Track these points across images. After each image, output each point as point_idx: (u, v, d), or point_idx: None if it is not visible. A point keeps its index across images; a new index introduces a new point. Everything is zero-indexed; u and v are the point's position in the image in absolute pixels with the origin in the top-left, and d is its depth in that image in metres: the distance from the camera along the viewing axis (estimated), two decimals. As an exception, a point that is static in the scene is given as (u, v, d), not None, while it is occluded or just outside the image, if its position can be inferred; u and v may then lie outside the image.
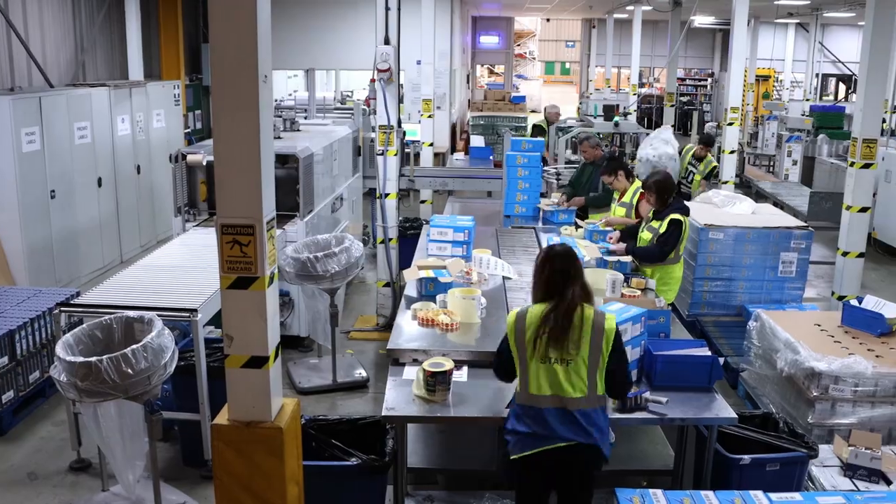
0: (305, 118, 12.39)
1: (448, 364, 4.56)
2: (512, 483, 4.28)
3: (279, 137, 8.67)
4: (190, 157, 7.96)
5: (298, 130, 9.58)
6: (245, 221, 3.81)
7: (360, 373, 7.45)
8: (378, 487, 4.85)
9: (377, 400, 6.64)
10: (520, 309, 4.09)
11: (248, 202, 3.80)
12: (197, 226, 7.89)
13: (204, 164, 7.87)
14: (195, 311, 5.41)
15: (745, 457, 4.84)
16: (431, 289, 5.86)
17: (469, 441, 5.45)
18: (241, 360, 3.97)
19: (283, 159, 7.96)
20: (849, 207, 8.22)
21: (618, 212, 7.82)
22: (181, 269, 6.46)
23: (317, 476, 4.59)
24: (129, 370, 4.37)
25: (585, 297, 4.03)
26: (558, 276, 4.03)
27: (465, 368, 4.89)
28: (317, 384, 7.24)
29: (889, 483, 4.94)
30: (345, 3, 16.90)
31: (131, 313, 5.02)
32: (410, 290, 6.07)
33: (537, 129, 14.53)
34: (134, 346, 4.46)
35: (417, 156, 12.13)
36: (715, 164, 11.74)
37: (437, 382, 4.48)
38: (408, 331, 5.34)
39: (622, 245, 6.94)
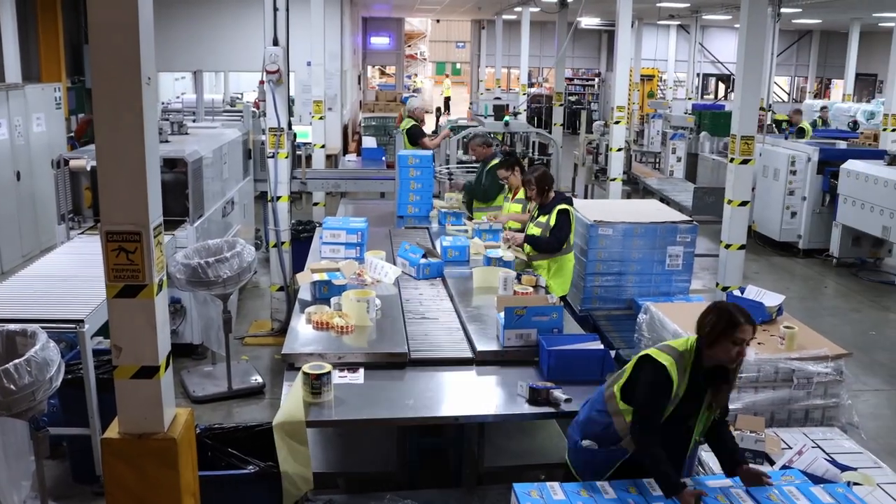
0: (194, 121, 12.15)
1: (327, 366, 4.57)
2: (412, 482, 4.30)
3: (166, 141, 8.48)
4: (73, 163, 7.70)
5: (187, 134, 9.38)
6: (131, 228, 3.71)
7: (256, 379, 7.36)
8: (277, 494, 4.79)
9: (274, 406, 6.55)
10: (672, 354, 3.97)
11: (133, 208, 3.71)
12: (82, 233, 7.64)
13: (88, 169, 7.62)
14: (82, 321, 5.25)
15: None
16: (325, 292, 5.83)
17: (368, 443, 5.44)
18: (130, 370, 3.87)
19: (171, 163, 7.80)
20: (730, 202, 8.53)
21: (513, 208, 7.94)
22: (66, 278, 6.24)
23: (214, 486, 4.51)
24: (12, 386, 4.20)
25: None
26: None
27: (361, 370, 4.88)
28: (212, 392, 7.12)
29: (772, 463, 5.15)
30: (232, 3, 16.64)
31: (13, 326, 4.81)
32: (304, 293, 6.02)
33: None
34: (16, 361, 4.28)
35: (309, 158, 12.03)
36: None
37: (321, 385, 4.47)
38: (303, 335, 5.30)
39: (519, 235, 7.09)
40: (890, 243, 11.62)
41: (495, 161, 8.60)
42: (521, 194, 7.90)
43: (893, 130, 14.90)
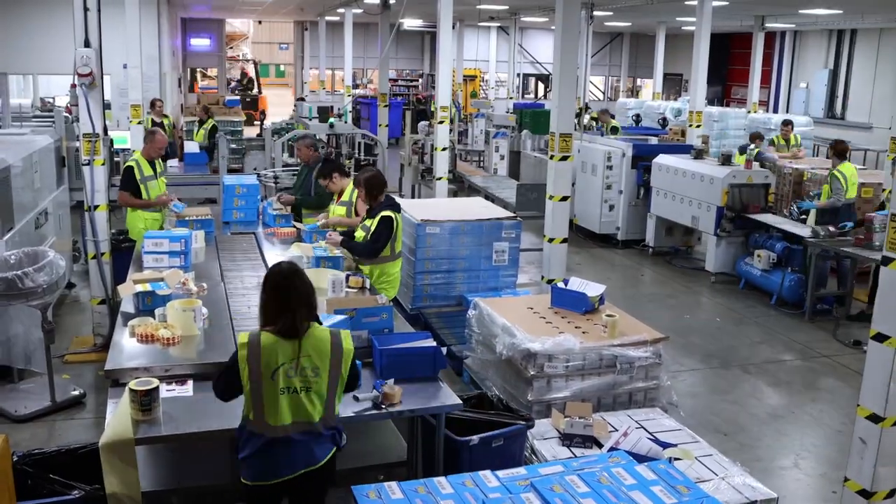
0: (-1, 128, 11.43)
1: (155, 381, 4.43)
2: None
3: (-32, 150, 7.96)
4: None
5: (-9, 142, 8.83)
6: (-71, 245, 3.47)
7: (76, 389, 7.14)
8: (105, 518, 4.60)
9: (98, 425, 6.27)
10: (251, 334, 3.90)
11: (-69, 224, 3.47)
12: None
13: None
14: None
15: (474, 437, 5.08)
16: (149, 303, 5.63)
17: (201, 456, 5.29)
18: (-66, 397, 3.62)
19: (-27, 174, 7.33)
20: (551, 197, 8.83)
21: (338, 211, 7.90)
22: None
23: (35, 515, 4.28)
24: None
25: (310, 314, 3.98)
26: (282, 299, 3.92)
27: (189, 382, 4.75)
28: (35, 409, 6.80)
29: (601, 446, 5.38)
30: (39, 2, 15.81)
31: None
32: (127, 305, 5.79)
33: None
34: None
35: (128, 164, 11.56)
36: None
37: (151, 401, 4.33)
38: (127, 349, 5.10)
39: (337, 237, 7.06)
40: (699, 232, 12.36)
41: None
42: (345, 196, 7.88)
43: (698, 126, 15.88)
